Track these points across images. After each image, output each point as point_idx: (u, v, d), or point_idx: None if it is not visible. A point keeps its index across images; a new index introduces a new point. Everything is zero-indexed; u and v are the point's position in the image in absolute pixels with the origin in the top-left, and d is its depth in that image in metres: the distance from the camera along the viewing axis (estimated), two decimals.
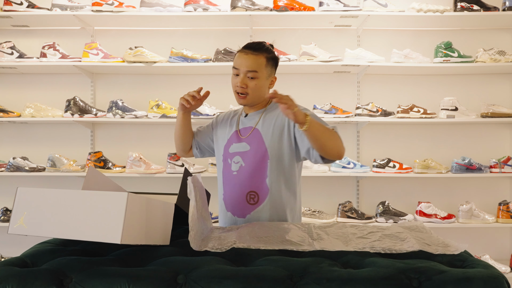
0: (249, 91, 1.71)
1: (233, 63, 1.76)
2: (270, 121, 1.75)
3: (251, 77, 1.70)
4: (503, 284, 0.98)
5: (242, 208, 1.72)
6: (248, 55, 1.71)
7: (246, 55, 1.71)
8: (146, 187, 3.08)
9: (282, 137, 1.72)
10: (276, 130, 1.73)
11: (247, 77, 1.70)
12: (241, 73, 1.70)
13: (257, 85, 1.72)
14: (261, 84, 1.73)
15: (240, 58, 1.71)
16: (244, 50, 1.73)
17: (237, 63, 1.72)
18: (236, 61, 1.73)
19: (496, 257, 3.06)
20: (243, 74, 1.70)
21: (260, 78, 1.71)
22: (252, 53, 1.71)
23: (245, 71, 1.69)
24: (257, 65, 1.70)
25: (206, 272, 1.00)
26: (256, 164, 1.71)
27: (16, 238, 2.57)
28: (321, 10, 2.93)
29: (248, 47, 1.73)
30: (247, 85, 1.70)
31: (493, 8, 2.95)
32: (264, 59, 1.73)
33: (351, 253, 1.16)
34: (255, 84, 1.71)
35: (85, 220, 1.01)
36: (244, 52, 1.72)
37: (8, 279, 0.98)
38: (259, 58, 1.71)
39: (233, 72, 1.74)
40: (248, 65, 1.69)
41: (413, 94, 3.18)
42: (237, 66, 1.71)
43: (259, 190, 1.71)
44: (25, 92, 3.22)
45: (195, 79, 3.21)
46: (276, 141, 1.72)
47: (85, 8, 2.98)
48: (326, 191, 3.17)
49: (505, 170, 2.96)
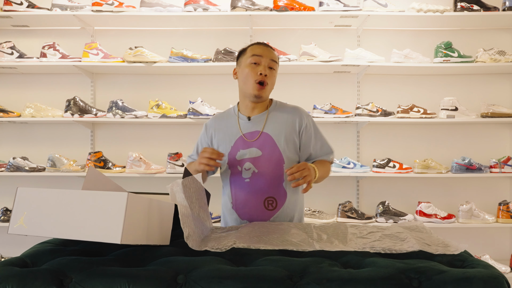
0: (269, 81, 1.70)
1: (247, 54, 1.72)
2: (279, 124, 1.73)
3: (272, 67, 1.71)
4: (503, 284, 0.98)
5: (261, 215, 1.68)
6: (268, 48, 1.73)
7: (266, 47, 1.73)
8: (146, 187, 3.08)
9: (294, 140, 1.73)
10: (288, 134, 1.72)
11: (268, 67, 1.70)
12: (263, 62, 1.69)
13: (274, 78, 1.74)
14: (275, 78, 1.75)
15: (261, 48, 1.71)
16: (262, 43, 1.75)
17: (259, 52, 1.70)
18: (256, 50, 1.70)
19: (496, 257, 3.06)
20: (266, 63, 1.69)
21: (275, 72, 1.74)
22: (271, 48, 1.75)
23: (269, 60, 1.70)
24: (276, 58, 1.74)
25: (206, 272, 1.00)
26: (272, 169, 1.69)
27: (16, 238, 2.57)
28: (321, 10, 2.93)
29: (263, 44, 1.75)
30: (268, 75, 1.69)
31: (493, 8, 2.95)
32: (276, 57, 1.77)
33: (351, 253, 1.16)
34: (273, 76, 1.73)
35: (85, 220, 1.01)
36: (263, 44, 1.74)
37: (8, 279, 0.98)
38: (275, 54, 1.75)
39: (250, 61, 1.69)
40: (271, 55, 1.71)
41: (413, 94, 3.18)
42: (260, 53, 1.69)
43: (277, 195, 1.69)
44: (25, 92, 3.22)
45: (195, 79, 3.21)
46: (289, 144, 1.71)
47: (85, 8, 2.98)
48: (326, 191, 3.17)
49: (505, 170, 2.96)
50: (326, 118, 2.96)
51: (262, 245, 1.20)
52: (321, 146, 1.79)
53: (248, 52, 1.72)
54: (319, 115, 2.97)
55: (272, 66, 1.70)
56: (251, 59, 1.69)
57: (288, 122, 1.73)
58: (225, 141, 1.75)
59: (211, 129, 1.80)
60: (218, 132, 1.78)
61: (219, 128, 1.78)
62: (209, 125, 1.82)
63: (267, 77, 1.68)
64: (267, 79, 1.68)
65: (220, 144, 1.76)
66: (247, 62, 1.70)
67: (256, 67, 1.68)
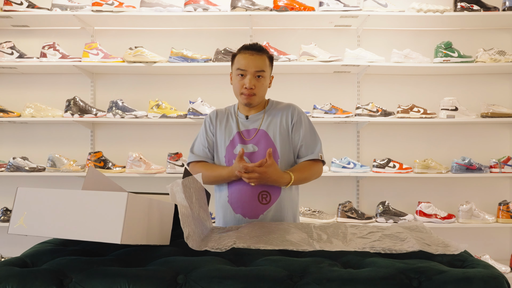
0: (257, 91, 1.73)
1: (235, 64, 1.75)
2: (275, 121, 1.78)
3: (259, 76, 1.72)
4: (503, 284, 0.98)
5: (254, 209, 1.71)
6: (254, 55, 1.73)
7: (252, 55, 1.72)
8: (146, 187, 3.08)
9: (288, 136, 1.77)
10: (283, 130, 1.77)
11: (255, 77, 1.71)
12: (249, 74, 1.71)
13: (264, 85, 1.76)
14: (266, 83, 1.77)
15: (246, 59, 1.72)
16: (249, 51, 1.74)
17: (243, 65, 1.72)
18: (241, 62, 1.72)
19: (496, 257, 3.06)
20: (251, 75, 1.71)
21: (265, 78, 1.75)
22: (257, 54, 1.73)
23: (254, 72, 1.71)
24: (263, 65, 1.73)
25: (206, 272, 1.00)
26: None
27: (16, 238, 2.57)
28: (321, 10, 2.93)
29: (251, 48, 1.74)
30: (255, 85, 1.72)
31: (493, 8, 2.95)
32: (267, 59, 1.77)
33: (351, 253, 1.16)
34: (262, 83, 1.74)
35: (85, 220, 1.01)
36: (249, 53, 1.73)
37: (8, 279, 0.98)
38: (264, 59, 1.74)
39: (236, 73, 1.74)
40: (257, 65, 1.71)
41: (413, 94, 3.18)
42: (244, 67, 1.71)
43: (271, 190, 1.72)
44: (25, 92, 3.22)
45: (195, 79, 3.21)
46: (284, 140, 1.76)
47: (85, 8, 2.98)
48: (326, 191, 3.17)
49: (505, 170, 2.96)
50: (326, 118, 2.96)
51: (262, 245, 1.20)
52: (310, 137, 1.80)
53: (235, 62, 1.76)
54: (319, 115, 2.97)
55: (259, 74, 1.72)
56: (237, 72, 1.73)
57: (283, 119, 1.78)
58: (224, 134, 1.80)
59: (215, 119, 1.85)
60: (219, 125, 1.83)
61: (220, 121, 1.84)
62: (212, 116, 1.86)
63: (254, 88, 1.71)
64: (254, 90, 1.72)
65: (219, 138, 1.81)
66: (235, 72, 1.75)
67: (242, 79, 1.73)
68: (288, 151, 1.77)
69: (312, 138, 1.80)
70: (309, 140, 1.80)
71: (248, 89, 1.71)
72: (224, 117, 1.84)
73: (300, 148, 1.79)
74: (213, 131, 1.84)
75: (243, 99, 1.74)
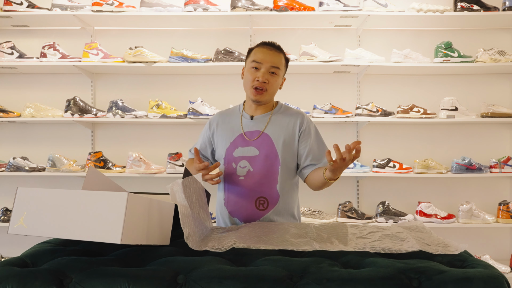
0: (269, 87, 1.70)
1: (250, 57, 1.73)
2: (280, 126, 1.73)
3: (273, 72, 1.70)
4: (503, 284, 0.98)
5: (251, 214, 1.68)
6: (273, 51, 1.71)
7: (270, 51, 1.71)
8: (146, 187, 3.08)
9: (293, 144, 1.73)
10: (287, 136, 1.72)
11: (269, 72, 1.69)
12: (263, 68, 1.68)
13: (277, 82, 1.73)
14: (278, 82, 1.74)
15: (263, 53, 1.70)
16: (267, 46, 1.72)
17: (259, 58, 1.69)
18: (258, 55, 1.70)
19: (496, 257, 3.06)
20: (265, 69, 1.68)
21: (279, 76, 1.73)
22: (275, 50, 1.72)
23: (269, 66, 1.68)
24: (279, 63, 1.71)
25: (206, 272, 1.00)
26: (267, 169, 1.69)
27: (16, 238, 2.57)
28: (321, 10, 2.93)
29: (270, 44, 1.73)
30: (268, 80, 1.69)
31: (493, 8, 2.95)
32: (283, 59, 1.75)
33: (351, 253, 1.16)
34: (275, 80, 1.71)
35: (85, 220, 1.01)
36: (267, 47, 1.72)
37: (8, 279, 0.98)
38: (281, 57, 1.73)
39: (250, 65, 1.71)
40: (273, 61, 1.69)
41: (413, 94, 3.18)
42: (260, 60, 1.69)
43: (269, 196, 1.69)
44: (25, 92, 3.22)
45: (195, 79, 3.21)
46: (287, 147, 1.71)
47: (85, 8, 2.98)
48: (326, 191, 3.09)
49: (505, 170, 2.96)
50: (326, 118, 2.96)
51: (262, 245, 1.20)
52: (318, 147, 1.75)
53: (252, 55, 1.73)
54: (319, 115, 2.97)
55: (274, 71, 1.69)
56: (252, 64, 1.71)
57: (289, 126, 1.74)
58: (225, 136, 1.76)
59: (214, 123, 1.83)
60: (220, 127, 1.80)
61: (221, 123, 1.81)
62: (213, 120, 1.85)
63: (266, 83, 1.68)
64: (266, 85, 1.69)
65: (220, 139, 1.78)
66: (249, 65, 1.72)
67: (255, 72, 1.70)
68: (290, 158, 1.72)
69: (320, 148, 1.75)
70: (316, 150, 1.74)
71: (260, 83, 1.67)
72: (226, 119, 1.81)
73: (306, 157, 1.73)
74: (210, 136, 1.83)
75: (253, 94, 1.70)
